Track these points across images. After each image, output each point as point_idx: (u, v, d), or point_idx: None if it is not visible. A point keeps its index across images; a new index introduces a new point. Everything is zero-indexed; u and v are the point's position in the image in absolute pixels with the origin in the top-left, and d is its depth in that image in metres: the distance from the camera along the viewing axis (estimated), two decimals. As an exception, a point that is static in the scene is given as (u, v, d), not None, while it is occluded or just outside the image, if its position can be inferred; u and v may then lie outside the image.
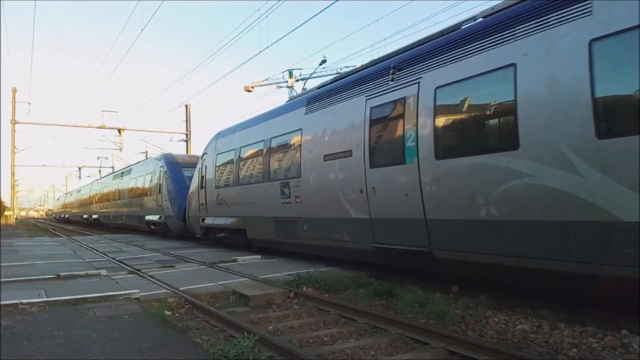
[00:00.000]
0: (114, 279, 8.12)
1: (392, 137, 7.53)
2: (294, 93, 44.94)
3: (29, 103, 48.02)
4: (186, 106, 36.33)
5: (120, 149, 38.87)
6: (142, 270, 9.09)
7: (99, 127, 36.35)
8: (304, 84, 33.40)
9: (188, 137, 36.45)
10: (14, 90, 33.96)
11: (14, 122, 33.59)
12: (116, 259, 11.42)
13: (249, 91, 52.34)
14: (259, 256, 11.13)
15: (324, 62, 31.08)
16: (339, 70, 33.92)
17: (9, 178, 35.76)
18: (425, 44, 7.41)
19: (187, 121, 36.47)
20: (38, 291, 6.81)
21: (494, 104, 6.07)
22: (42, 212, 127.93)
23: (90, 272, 8.74)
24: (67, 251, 13.91)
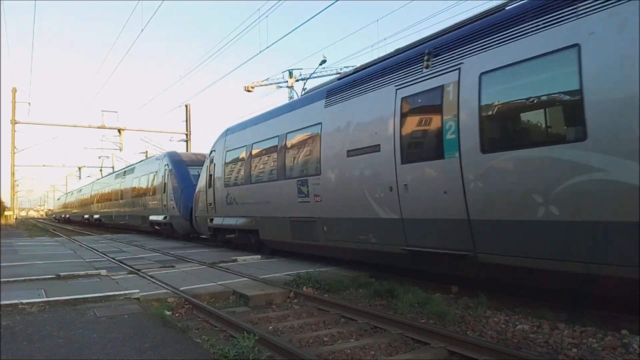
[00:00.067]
0: (114, 279, 8.12)
1: (428, 129, 6.91)
2: (293, 93, 45.06)
3: (29, 103, 48.22)
4: (186, 106, 36.44)
5: (120, 149, 38.98)
6: (142, 270, 9.09)
7: (99, 127, 36.43)
8: (304, 84, 33.46)
9: (188, 137, 36.50)
10: (14, 90, 34.00)
11: (14, 122, 33.62)
12: (116, 259, 11.42)
13: (249, 91, 52.49)
14: (259, 256, 11.12)
15: (324, 62, 31.20)
16: (339, 70, 34.04)
17: (9, 178, 35.86)
18: (466, 26, 6.77)
19: (187, 121, 36.57)
20: (38, 291, 6.81)
21: (554, 90, 5.43)
22: (42, 212, 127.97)
23: (90, 272, 8.74)
24: (67, 251, 13.91)
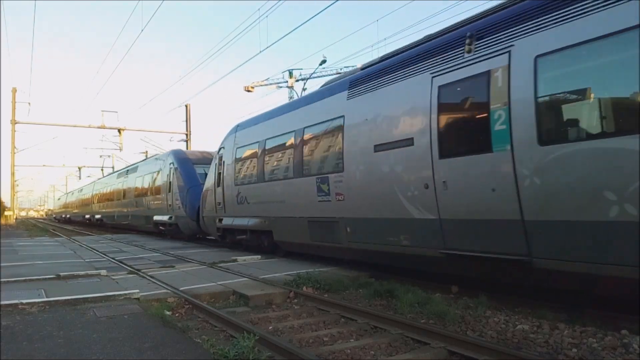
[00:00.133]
0: (114, 279, 8.13)
1: (472, 120, 6.32)
2: (293, 93, 45.04)
3: (29, 103, 48.22)
4: (186, 106, 36.46)
5: (120, 149, 39.00)
6: (142, 270, 9.09)
7: (99, 127, 36.45)
8: (304, 84, 33.53)
9: (188, 137, 36.52)
10: (14, 90, 34.03)
11: (14, 122, 33.64)
12: (116, 259, 11.43)
13: (249, 91, 52.44)
14: (259, 256, 11.12)
15: (324, 62, 31.33)
16: (339, 70, 34.10)
17: (9, 178, 35.90)
18: (514, 5, 6.07)
19: (187, 121, 36.60)
20: (38, 291, 6.81)
21: (628, 73, 4.76)
22: (42, 212, 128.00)
23: (90, 272, 8.74)
24: (67, 251, 13.91)
